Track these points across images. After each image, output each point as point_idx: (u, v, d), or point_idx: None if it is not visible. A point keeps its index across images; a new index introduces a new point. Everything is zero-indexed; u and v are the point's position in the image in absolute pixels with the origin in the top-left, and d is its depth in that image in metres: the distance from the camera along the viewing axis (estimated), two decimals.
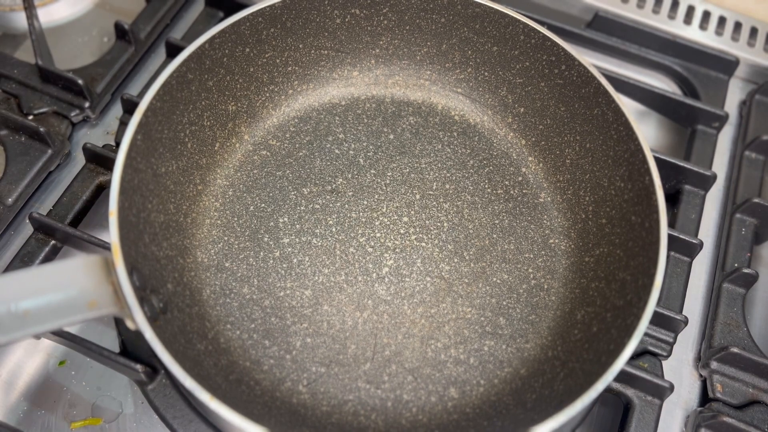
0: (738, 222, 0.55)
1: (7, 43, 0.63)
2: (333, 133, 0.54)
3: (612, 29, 0.65)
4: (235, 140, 0.52)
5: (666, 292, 0.51)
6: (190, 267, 0.46)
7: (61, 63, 0.57)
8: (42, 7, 0.63)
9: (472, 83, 0.56)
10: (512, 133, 0.55)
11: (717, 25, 0.67)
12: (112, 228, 0.38)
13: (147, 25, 0.61)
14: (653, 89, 0.61)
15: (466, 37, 0.54)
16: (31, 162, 0.52)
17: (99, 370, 0.47)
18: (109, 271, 0.36)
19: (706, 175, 0.55)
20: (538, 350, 0.46)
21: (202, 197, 0.49)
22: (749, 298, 0.54)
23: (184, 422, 0.43)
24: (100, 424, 0.45)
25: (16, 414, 0.46)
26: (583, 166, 0.51)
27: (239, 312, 0.46)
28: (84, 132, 0.56)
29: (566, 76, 0.50)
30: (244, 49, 0.50)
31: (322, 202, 0.51)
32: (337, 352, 0.45)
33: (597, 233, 0.48)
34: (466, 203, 0.52)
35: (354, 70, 0.56)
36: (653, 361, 0.48)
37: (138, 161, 0.42)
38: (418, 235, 0.50)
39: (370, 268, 0.48)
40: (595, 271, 0.47)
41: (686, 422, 0.48)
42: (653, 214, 0.43)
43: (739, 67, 0.64)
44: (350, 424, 0.42)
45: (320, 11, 0.52)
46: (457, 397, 0.44)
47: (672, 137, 0.64)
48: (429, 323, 0.46)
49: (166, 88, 0.44)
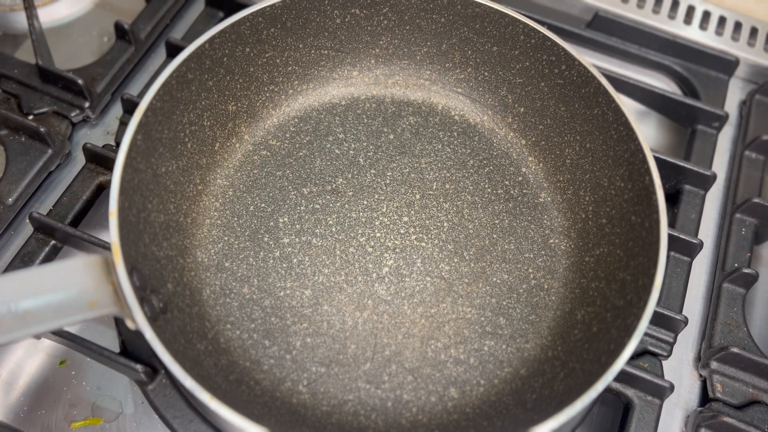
0: (738, 222, 0.55)
1: (7, 43, 0.63)
2: (333, 133, 0.54)
3: (612, 29, 0.65)
4: (235, 140, 0.52)
5: (666, 292, 0.51)
6: (190, 267, 0.46)
7: (61, 63, 0.57)
8: (42, 7, 0.63)
9: (472, 83, 0.56)
10: (512, 133, 0.55)
11: (717, 25, 0.67)
12: (112, 228, 0.38)
13: (147, 25, 0.61)
14: (653, 89, 0.61)
15: (466, 37, 0.54)
16: (31, 162, 0.52)
17: (99, 370, 0.47)
18: (109, 271, 0.36)
19: (706, 175, 0.55)
20: (538, 350, 0.46)
21: (202, 197, 0.49)
22: (749, 298, 0.54)
23: (184, 422, 0.43)
24: (100, 424, 0.45)
25: (16, 414, 0.46)
26: (583, 166, 0.51)
27: (239, 312, 0.46)
28: (84, 132, 0.56)
29: (566, 76, 0.50)
30: (244, 49, 0.50)
31: (322, 202, 0.51)
32: (337, 352, 0.45)
33: (597, 233, 0.48)
34: (466, 203, 0.52)
35: (354, 70, 0.56)
36: (653, 361, 0.48)
37: (138, 161, 0.42)
38: (418, 235, 0.50)
39: (370, 268, 0.48)
40: (595, 271, 0.47)
41: (686, 422, 0.48)
42: (653, 214, 0.43)
43: (739, 67, 0.64)
44: (350, 424, 0.42)
45: (320, 11, 0.52)
46: (457, 397, 0.44)
47: (672, 137, 0.64)
48: (429, 323, 0.46)
49: (166, 88, 0.44)
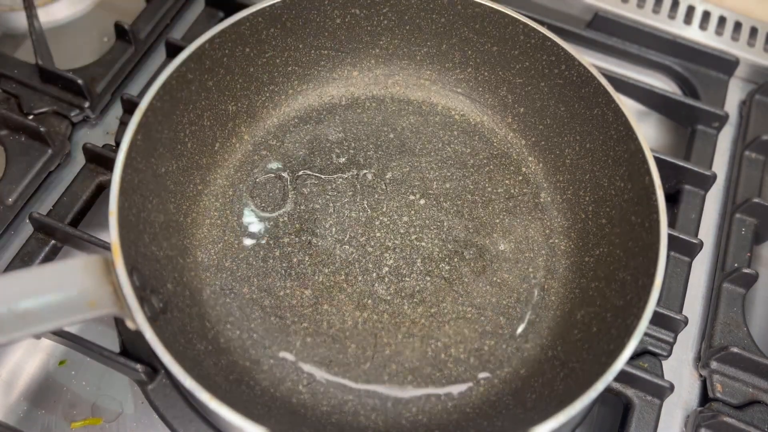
0: (738, 222, 0.55)
1: (7, 43, 0.63)
2: (333, 133, 0.54)
3: (612, 29, 0.65)
4: (235, 140, 0.52)
5: (666, 292, 0.51)
6: (190, 267, 0.46)
7: (61, 63, 0.57)
8: (42, 7, 0.63)
9: (472, 83, 0.56)
10: (512, 133, 0.55)
11: (717, 25, 0.67)
12: (112, 228, 0.38)
13: (147, 25, 0.61)
14: (653, 89, 0.61)
15: (466, 37, 0.54)
16: (31, 162, 0.52)
17: (99, 370, 0.47)
18: (109, 271, 0.36)
19: (706, 175, 0.55)
20: (538, 350, 0.46)
21: (202, 197, 0.49)
22: (749, 298, 0.54)
23: (184, 422, 0.43)
24: (100, 424, 0.45)
25: (16, 414, 0.46)
26: (583, 166, 0.51)
27: (239, 312, 0.46)
28: (84, 132, 0.56)
29: (566, 76, 0.50)
30: (244, 49, 0.50)
31: (322, 201, 0.51)
32: (337, 351, 0.45)
33: (597, 233, 0.48)
34: (466, 203, 0.52)
35: (354, 70, 0.56)
36: (653, 361, 0.48)
37: (138, 161, 0.42)
38: (418, 234, 0.50)
39: (370, 268, 0.48)
40: (595, 271, 0.47)
41: (686, 422, 0.48)
42: (653, 214, 0.43)
43: (739, 67, 0.64)
44: (350, 424, 0.42)
45: (320, 11, 0.52)
46: (457, 397, 0.44)
47: (672, 137, 0.64)
48: (429, 323, 0.46)
49: (166, 88, 0.44)
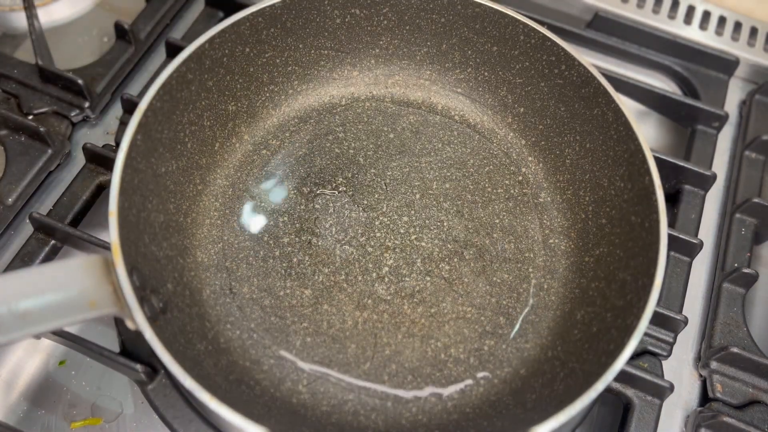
0: (738, 222, 0.55)
1: (7, 43, 0.63)
2: (333, 133, 0.54)
3: (612, 29, 0.65)
4: (235, 140, 0.52)
5: (666, 292, 0.51)
6: (190, 267, 0.46)
7: (61, 63, 0.57)
8: (42, 7, 0.63)
9: (472, 83, 0.56)
10: (512, 133, 0.55)
11: (717, 25, 0.67)
12: (112, 228, 0.38)
13: (147, 25, 0.61)
14: (653, 89, 0.61)
15: (466, 37, 0.54)
16: (31, 162, 0.52)
17: (99, 370, 0.47)
18: (109, 271, 0.36)
19: (706, 175, 0.55)
20: (538, 350, 0.46)
21: (202, 197, 0.49)
22: (749, 298, 0.54)
23: (184, 422, 0.43)
24: (100, 424, 0.45)
25: (16, 414, 0.46)
26: (583, 166, 0.51)
27: (239, 312, 0.46)
28: (84, 132, 0.56)
29: (566, 76, 0.50)
30: (244, 49, 0.50)
31: (322, 201, 0.51)
32: (337, 351, 0.45)
33: (597, 233, 0.48)
34: (466, 203, 0.52)
35: (354, 70, 0.56)
36: (653, 361, 0.48)
37: (138, 161, 0.42)
38: (418, 234, 0.50)
39: (370, 268, 0.48)
40: (595, 271, 0.47)
41: (686, 422, 0.48)
42: (653, 214, 0.43)
43: (739, 67, 0.64)
44: (350, 424, 0.42)
45: (320, 11, 0.52)
46: (457, 397, 0.44)
47: (672, 137, 0.64)
48: (429, 323, 0.46)
49: (166, 88, 0.44)
